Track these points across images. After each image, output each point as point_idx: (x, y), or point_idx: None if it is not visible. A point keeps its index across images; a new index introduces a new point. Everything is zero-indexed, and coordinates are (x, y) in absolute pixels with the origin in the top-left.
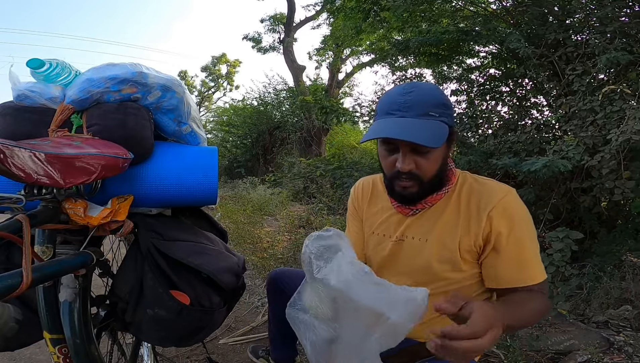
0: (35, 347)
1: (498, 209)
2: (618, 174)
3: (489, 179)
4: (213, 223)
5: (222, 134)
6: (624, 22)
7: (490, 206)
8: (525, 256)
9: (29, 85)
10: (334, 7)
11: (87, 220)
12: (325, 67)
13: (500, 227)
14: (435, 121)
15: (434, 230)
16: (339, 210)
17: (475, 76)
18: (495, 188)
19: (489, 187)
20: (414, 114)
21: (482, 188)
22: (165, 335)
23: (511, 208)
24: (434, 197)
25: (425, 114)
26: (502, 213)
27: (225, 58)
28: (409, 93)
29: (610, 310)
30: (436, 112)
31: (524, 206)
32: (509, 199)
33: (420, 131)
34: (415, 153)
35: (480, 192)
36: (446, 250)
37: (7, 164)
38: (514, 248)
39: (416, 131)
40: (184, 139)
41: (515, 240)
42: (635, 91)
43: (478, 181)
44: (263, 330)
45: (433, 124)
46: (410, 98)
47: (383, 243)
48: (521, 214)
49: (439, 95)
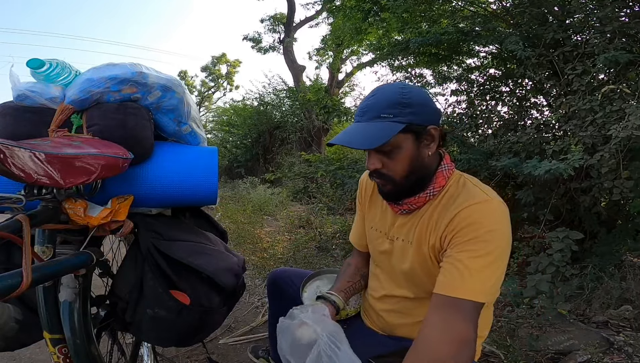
0: (35, 347)
1: (462, 214)
2: (617, 174)
3: (480, 186)
4: (213, 223)
5: (222, 134)
6: (623, 22)
7: (457, 209)
8: (472, 265)
9: (29, 85)
10: (334, 7)
11: (87, 220)
12: (325, 67)
13: (456, 231)
14: (383, 123)
15: (415, 232)
16: (339, 210)
17: (475, 76)
18: (475, 193)
19: (468, 191)
20: (366, 118)
21: (461, 191)
22: (165, 335)
23: (482, 214)
24: (417, 199)
25: (377, 117)
26: (467, 216)
27: (225, 58)
28: (370, 98)
29: (611, 310)
30: (389, 113)
31: (499, 220)
32: (481, 207)
33: (359, 135)
34: (380, 153)
35: (457, 195)
36: (422, 255)
37: (7, 164)
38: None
39: (357, 135)
40: (184, 139)
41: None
42: (635, 91)
43: (465, 186)
44: (263, 330)
45: (378, 126)
46: (369, 103)
47: (379, 239)
48: (488, 225)
49: (395, 96)
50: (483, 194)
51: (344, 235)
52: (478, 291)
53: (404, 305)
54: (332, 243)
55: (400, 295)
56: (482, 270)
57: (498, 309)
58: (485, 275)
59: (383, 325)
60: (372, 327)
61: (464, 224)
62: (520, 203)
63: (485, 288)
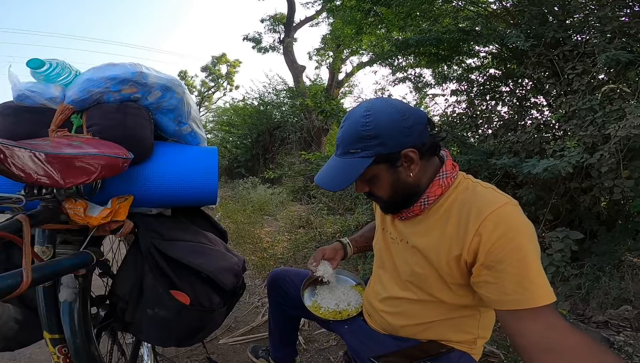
0: (35, 347)
1: (489, 223)
2: (617, 173)
3: (490, 189)
4: (213, 223)
5: (222, 134)
6: (623, 22)
7: (480, 219)
8: (526, 273)
9: (29, 85)
10: (334, 7)
11: (87, 220)
12: (325, 67)
13: (492, 241)
14: (353, 159)
15: (422, 239)
16: (339, 210)
17: (475, 76)
18: (490, 198)
19: (483, 197)
20: (339, 153)
21: (475, 197)
22: (165, 335)
23: (506, 220)
24: (412, 208)
25: (347, 153)
26: (495, 227)
27: (225, 58)
28: (342, 127)
29: (610, 310)
30: (356, 148)
31: (525, 220)
32: (504, 210)
33: (331, 175)
34: (364, 181)
35: (472, 202)
36: (434, 263)
37: (7, 164)
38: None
39: (328, 175)
40: (184, 139)
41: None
42: (635, 91)
43: (475, 191)
44: (263, 330)
45: (347, 162)
46: (340, 135)
47: (380, 235)
48: (520, 227)
49: (358, 128)
50: (499, 196)
51: (344, 235)
52: (550, 292)
53: (407, 307)
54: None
55: (403, 297)
56: (542, 271)
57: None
58: (544, 275)
59: (386, 326)
60: (375, 326)
61: (500, 229)
62: (520, 203)
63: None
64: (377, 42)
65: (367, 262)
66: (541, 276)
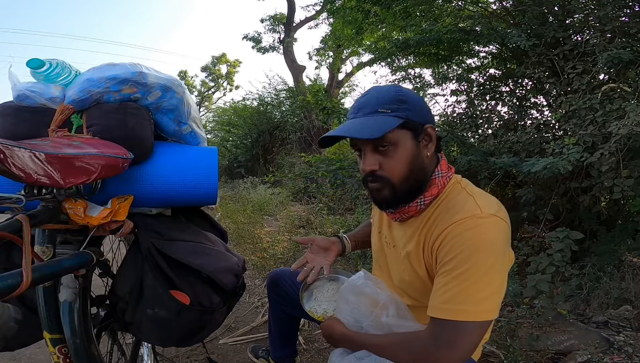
0: (35, 347)
1: (451, 231)
2: (617, 172)
3: (473, 196)
4: (213, 223)
5: (222, 134)
6: (623, 22)
7: (445, 225)
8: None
9: (29, 85)
10: (334, 7)
11: (87, 220)
12: (325, 67)
13: (444, 251)
14: (382, 116)
15: (411, 244)
16: (338, 210)
17: (475, 76)
18: (467, 206)
19: (461, 203)
20: (363, 114)
21: (455, 201)
22: (165, 335)
23: (467, 233)
24: (408, 208)
25: (374, 112)
26: (453, 237)
27: (225, 58)
28: (364, 96)
29: (610, 310)
30: (387, 108)
31: (492, 236)
32: (473, 222)
33: (359, 127)
34: (378, 152)
35: (449, 207)
36: (417, 268)
37: (7, 164)
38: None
39: (355, 127)
40: (184, 139)
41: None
42: (635, 90)
43: (460, 194)
44: (263, 330)
45: (377, 119)
46: (364, 100)
47: (376, 238)
48: (481, 242)
49: (393, 93)
50: (475, 206)
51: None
52: (477, 311)
53: None
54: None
55: None
56: (486, 291)
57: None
58: (483, 296)
59: None
60: None
61: (456, 241)
62: (520, 202)
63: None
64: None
65: (367, 262)
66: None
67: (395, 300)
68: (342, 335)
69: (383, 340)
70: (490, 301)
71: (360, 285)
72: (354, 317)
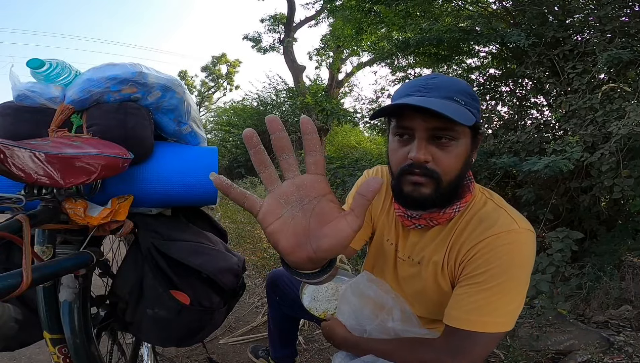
0: (35, 347)
1: (487, 245)
2: (617, 172)
3: (507, 207)
4: (213, 223)
5: (222, 134)
6: (623, 22)
7: (480, 237)
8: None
9: (29, 85)
10: (334, 7)
11: (87, 220)
12: (325, 67)
13: (476, 264)
14: (459, 106)
15: (435, 253)
16: None
17: (475, 76)
18: (500, 219)
19: (494, 215)
20: (437, 95)
21: (485, 212)
22: (165, 335)
23: (503, 248)
24: (442, 214)
25: (449, 98)
26: (489, 251)
27: (225, 58)
28: (432, 78)
29: (610, 310)
30: (462, 99)
31: (528, 251)
32: (509, 237)
33: (445, 108)
34: (434, 143)
35: (482, 218)
36: (434, 279)
37: (7, 164)
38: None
39: (440, 106)
40: (184, 139)
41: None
42: (635, 90)
43: (487, 205)
44: (263, 330)
45: (457, 107)
46: (434, 82)
47: (376, 242)
48: (514, 258)
49: (465, 85)
50: (510, 220)
51: None
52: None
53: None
54: None
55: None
56: (514, 305)
57: None
58: (512, 309)
59: None
60: None
61: (483, 254)
62: (520, 202)
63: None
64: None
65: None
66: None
67: (400, 304)
68: (343, 339)
69: (391, 345)
70: (513, 314)
71: (364, 287)
72: (357, 320)
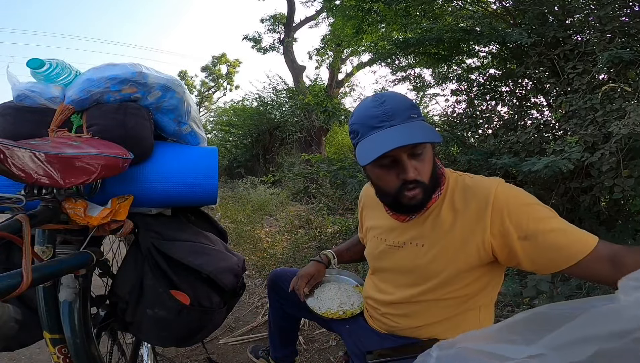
0: (35, 347)
1: (499, 200)
2: (617, 172)
3: (477, 176)
4: (213, 223)
5: (222, 134)
6: (623, 22)
7: (490, 198)
8: (563, 227)
9: (29, 85)
10: (334, 6)
11: (87, 220)
12: (325, 67)
13: (511, 215)
14: (419, 121)
15: (432, 234)
16: (338, 210)
17: (475, 76)
18: (485, 182)
19: (479, 181)
20: (399, 121)
21: (473, 183)
22: (165, 335)
23: (511, 194)
24: (432, 202)
25: (408, 118)
26: (506, 203)
27: (225, 58)
28: (382, 104)
29: None
30: (415, 113)
31: (518, 188)
32: (502, 187)
33: (419, 132)
34: (414, 158)
35: (474, 188)
36: (445, 254)
37: (7, 164)
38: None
39: (416, 133)
40: (184, 139)
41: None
42: (636, 90)
43: (467, 178)
44: (263, 330)
45: (420, 124)
46: (388, 107)
47: (380, 246)
48: (522, 194)
49: (407, 99)
50: (490, 179)
51: (344, 235)
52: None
53: (411, 310)
54: (332, 243)
55: (405, 301)
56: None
57: (498, 309)
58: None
59: (387, 328)
60: (376, 327)
61: (512, 203)
62: None
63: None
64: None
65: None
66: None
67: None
68: None
69: None
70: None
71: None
72: None
